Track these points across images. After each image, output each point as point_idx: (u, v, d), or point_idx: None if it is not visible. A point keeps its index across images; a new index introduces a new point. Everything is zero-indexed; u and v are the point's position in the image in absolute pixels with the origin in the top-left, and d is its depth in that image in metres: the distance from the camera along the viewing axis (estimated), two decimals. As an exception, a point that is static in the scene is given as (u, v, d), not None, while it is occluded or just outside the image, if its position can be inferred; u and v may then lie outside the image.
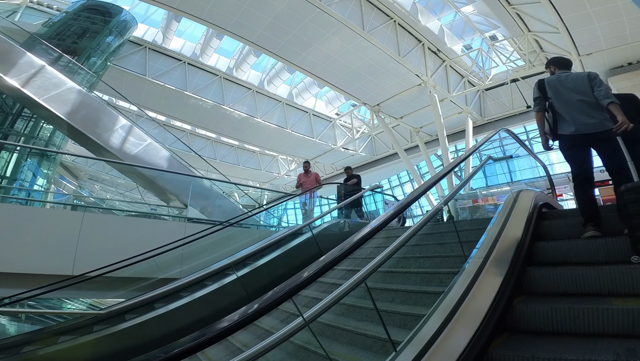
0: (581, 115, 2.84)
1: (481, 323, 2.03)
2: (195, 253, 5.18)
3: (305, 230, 6.05)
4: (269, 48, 14.23)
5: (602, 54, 13.25)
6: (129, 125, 8.17)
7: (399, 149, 18.92)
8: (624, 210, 2.16)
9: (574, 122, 2.85)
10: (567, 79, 3.05)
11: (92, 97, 8.26)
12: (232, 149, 26.99)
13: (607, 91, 2.80)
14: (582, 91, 2.89)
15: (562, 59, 3.36)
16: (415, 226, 2.50)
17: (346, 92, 16.88)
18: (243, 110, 19.82)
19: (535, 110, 3.26)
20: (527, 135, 19.48)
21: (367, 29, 12.78)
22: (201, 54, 17.92)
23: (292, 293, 1.79)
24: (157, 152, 8.40)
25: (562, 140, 3.00)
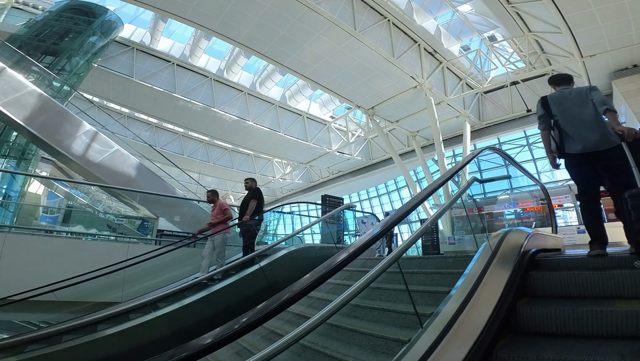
0: (587, 130, 2.81)
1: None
2: (140, 275, 4.62)
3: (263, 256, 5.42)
4: (257, 49, 13.62)
5: (606, 55, 12.58)
6: (94, 132, 7.57)
7: (393, 154, 18.26)
8: (629, 216, 2.19)
9: (581, 139, 2.83)
10: (571, 94, 3.04)
11: (55, 101, 7.65)
12: (226, 152, 26.39)
13: (604, 98, 2.80)
14: (583, 103, 2.89)
15: (560, 75, 3.38)
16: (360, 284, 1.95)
17: (339, 94, 16.25)
18: (234, 113, 19.21)
19: (540, 128, 3.25)
20: (527, 140, 18.78)
21: (359, 29, 12.16)
22: (190, 55, 17.33)
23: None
24: (124, 159, 7.80)
25: (569, 158, 2.98)
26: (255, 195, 6.44)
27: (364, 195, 31.08)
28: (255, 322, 1.50)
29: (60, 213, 9.76)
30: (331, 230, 7.47)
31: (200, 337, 1.43)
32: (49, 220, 9.37)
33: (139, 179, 7.78)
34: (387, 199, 28.53)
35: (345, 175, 27.78)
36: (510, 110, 18.02)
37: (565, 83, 3.27)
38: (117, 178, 7.62)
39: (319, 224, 8.33)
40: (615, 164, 2.69)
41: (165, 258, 4.65)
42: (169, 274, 4.81)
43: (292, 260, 5.85)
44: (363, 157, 24.97)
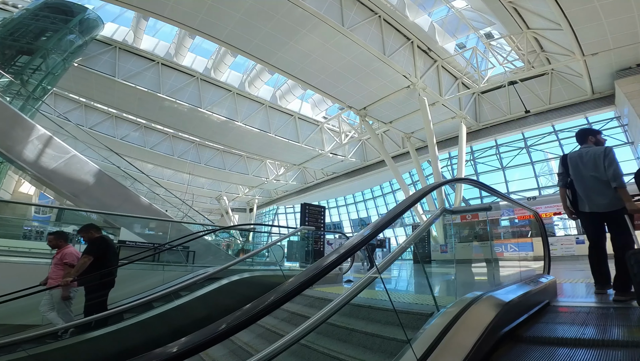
0: (595, 194, 3.07)
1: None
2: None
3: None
4: (240, 47, 12.95)
5: (609, 54, 11.88)
6: (48, 136, 6.90)
7: (385, 156, 17.58)
8: (632, 272, 2.36)
9: (589, 201, 3.11)
10: (587, 155, 3.22)
11: (6, 104, 6.99)
12: (218, 153, 25.74)
13: (617, 172, 2.95)
14: (597, 168, 3.08)
15: (584, 131, 3.49)
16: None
17: (329, 94, 15.56)
18: (222, 114, 18.54)
19: (559, 185, 3.51)
20: (525, 142, 18.07)
21: (347, 25, 11.45)
22: (176, 53, 16.66)
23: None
24: (82, 165, 7.13)
25: (580, 216, 3.27)
26: (93, 249, 4.25)
27: (359, 197, 30.41)
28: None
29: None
30: (277, 255, 6.69)
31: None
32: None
33: (98, 187, 7.13)
34: (383, 201, 27.86)
35: (339, 177, 27.14)
36: (508, 111, 17.33)
37: (582, 139, 3.45)
38: (74, 186, 6.99)
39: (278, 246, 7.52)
40: (617, 224, 2.99)
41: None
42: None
43: (218, 296, 4.93)
44: (357, 159, 24.31)
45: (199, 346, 1.08)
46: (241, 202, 38.85)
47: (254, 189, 32.76)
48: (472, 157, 19.91)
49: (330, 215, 33.97)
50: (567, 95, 15.69)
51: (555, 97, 15.97)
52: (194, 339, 1.11)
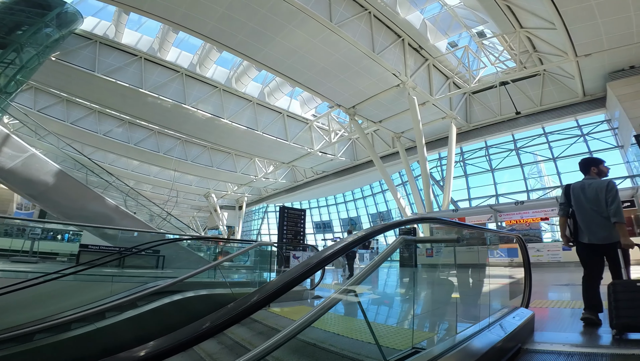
0: (595, 227, 3.19)
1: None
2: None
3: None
4: (225, 42, 12.43)
5: (602, 55, 11.66)
6: (4, 134, 6.33)
7: (374, 156, 17.25)
8: (609, 300, 2.67)
9: (589, 233, 3.22)
10: (590, 187, 3.31)
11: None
12: (205, 150, 25.12)
13: (618, 208, 3.08)
14: (598, 202, 3.19)
15: (587, 161, 3.56)
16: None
17: (317, 92, 15.12)
18: (208, 110, 17.96)
19: (559, 214, 3.55)
20: (515, 144, 17.88)
21: (335, 21, 11.02)
22: (159, 48, 16.02)
23: None
24: (41, 165, 6.60)
25: (578, 246, 3.35)
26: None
27: (349, 197, 30.10)
28: None
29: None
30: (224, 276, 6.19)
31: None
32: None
33: (59, 187, 6.60)
34: (372, 201, 27.58)
35: (329, 176, 26.78)
36: (499, 112, 17.11)
37: (585, 170, 3.51)
38: (33, 187, 6.46)
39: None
40: (612, 255, 3.13)
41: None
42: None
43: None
44: (347, 158, 23.96)
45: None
46: (230, 199, 38.29)
47: (242, 187, 32.25)
48: (461, 158, 19.68)
49: (320, 214, 33.63)
50: (558, 97, 15.52)
51: (546, 98, 15.80)
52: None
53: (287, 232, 8.91)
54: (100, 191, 8.14)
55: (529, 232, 13.00)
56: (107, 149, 23.73)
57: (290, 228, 8.84)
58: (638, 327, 2.58)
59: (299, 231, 8.95)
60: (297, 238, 8.85)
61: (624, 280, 2.91)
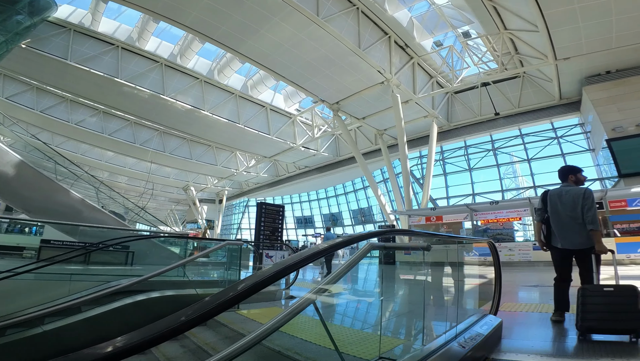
0: (570, 233, 3.33)
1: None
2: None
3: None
4: (207, 34, 12.05)
5: (580, 59, 11.99)
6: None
7: (356, 152, 17.22)
8: (577, 303, 2.81)
9: (563, 238, 3.37)
10: (567, 194, 3.41)
11: None
12: (184, 142, 24.42)
13: (595, 216, 3.21)
14: (575, 209, 3.32)
15: (566, 168, 3.67)
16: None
17: (301, 86, 14.91)
18: (188, 102, 17.42)
19: (536, 220, 3.70)
20: (493, 145, 18.34)
21: (322, 15, 10.80)
22: (138, 38, 15.44)
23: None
24: (0, 156, 6.13)
25: (552, 250, 3.49)
26: None
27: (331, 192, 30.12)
28: None
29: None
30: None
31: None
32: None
33: (18, 179, 6.16)
34: (354, 197, 27.72)
35: (312, 171, 26.67)
36: (479, 113, 17.45)
37: (563, 177, 3.63)
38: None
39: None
40: (585, 260, 3.30)
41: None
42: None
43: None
44: (330, 153, 23.90)
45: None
46: (210, 192, 37.58)
47: (223, 180, 31.68)
48: (441, 157, 20.00)
49: (302, 209, 33.53)
50: (536, 99, 15.97)
51: (524, 100, 16.22)
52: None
53: (264, 228, 8.70)
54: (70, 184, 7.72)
55: (503, 232, 13.29)
56: (79, 139, 22.69)
57: (269, 225, 8.62)
58: (602, 330, 2.72)
59: (277, 227, 8.75)
60: (275, 235, 8.67)
61: (593, 285, 3.04)
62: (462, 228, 14.48)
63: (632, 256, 9.77)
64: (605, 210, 11.16)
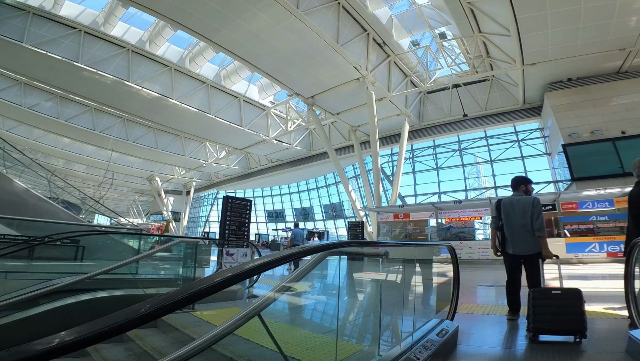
0: (520, 240, 3.60)
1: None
2: None
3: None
4: (180, 21, 11.52)
5: (545, 66, 12.59)
6: None
7: (328, 147, 17.19)
8: (529, 305, 3.00)
9: (514, 245, 3.63)
10: (518, 203, 3.70)
11: None
12: (150, 130, 23.26)
13: (542, 224, 3.51)
14: (525, 217, 3.60)
15: (518, 179, 3.92)
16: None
17: (276, 79, 14.63)
18: (155, 89, 16.58)
19: (492, 227, 3.98)
20: (459, 145, 19.09)
21: (302, 8, 10.59)
22: (104, 23, 14.57)
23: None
24: None
25: (505, 255, 3.76)
26: None
27: (303, 187, 30.04)
28: None
29: None
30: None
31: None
32: None
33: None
34: (326, 192, 27.84)
35: (285, 165, 26.43)
36: (449, 114, 18.02)
37: (515, 187, 3.89)
38: None
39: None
40: (532, 265, 3.54)
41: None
42: None
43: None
44: (303, 148, 23.78)
45: None
46: (177, 183, 36.21)
47: (191, 171, 30.61)
48: (412, 155, 20.51)
49: (273, 203, 33.21)
50: (502, 103, 16.73)
51: (491, 103, 16.95)
52: None
53: (230, 223, 8.40)
54: (20, 171, 7.08)
55: (464, 230, 13.72)
56: (32, 124, 20.98)
57: (235, 219, 8.35)
58: (550, 330, 2.91)
59: (244, 222, 8.50)
60: (242, 229, 8.43)
61: (542, 288, 3.23)
62: (428, 226, 14.89)
63: (579, 255, 10.49)
64: (558, 212, 11.82)
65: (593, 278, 7.42)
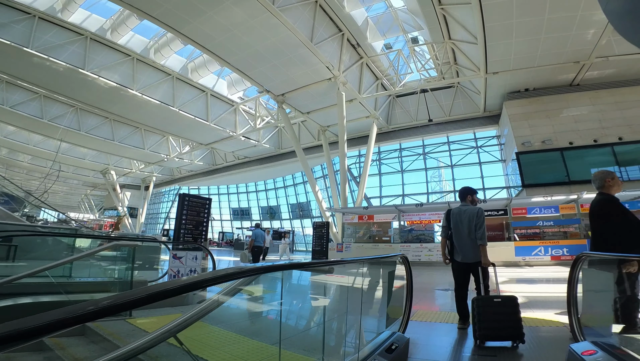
0: (466, 249, 3.77)
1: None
2: None
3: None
4: (147, 11, 10.89)
5: (506, 75, 13.32)
6: None
7: (296, 146, 17.09)
8: (472, 313, 3.18)
9: (462, 253, 3.79)
10: (465, 213, 3.86)
11: None
12: (106, 121, 21.76)
13: (484, 233, 3.69)
14: (469, 226, 3.78)
15: (464, 190, 4.08)
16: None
17: (246, 74, 14.26)
18: (114, 79, 15.55)
19: (442, 235, 4.07)
20: (424, 149, 19.84)
21: (277, 4, 10.37)
22: (62, 9, 13.51)
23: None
24: None
25: (453, 263, 3.91)
26: None
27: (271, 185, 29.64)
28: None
29: None
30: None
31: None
32: None
33: None
34: (294, 191, 27.68)
35: (252, 162, 25.93)
36: (415, 118, 18.63)
37: (463, 198, 4.04)
38: None
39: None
40: (477, 273, 3.74)
41: None
42: None
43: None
44: (272, 145, 23.47)
45: None
46: (135, 177, 34.28)
47: (151, 165, 29.06)
48: (379, 157, 20.97)
49: (239, 200, 32.47)
50: (464, 110, 17.58)
51: (454, 110, 17.74)
52: None
53: (186, 222, 7.94)
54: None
55: (425, 233, 14.04)
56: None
57: (191, 219, 7.93)
58: (495, 337, 3.05)
59: (202, 222, 8.10)
60: (199, 229, 8.04)
61: (484, 296, 3.39)
62: (391, 228, 15.20)
63: (527, 258, 11.04)
64: (509, 217, 12.33)
65: (540, 282, 7.79)
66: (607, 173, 3.36)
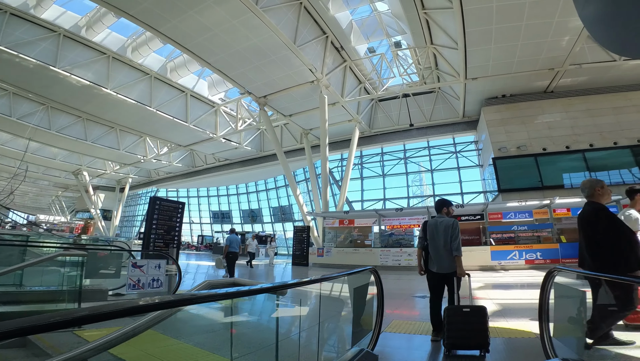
0: (442, 259, 3.81)
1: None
2: None
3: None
4: (123, 8, 10.54)
5: (485, 81, 13.60)
6: None
7: (277, 149, 16.88)
8: (444, 322, 3.23)
9: (438, 264, 3.83)
10: (441, 225, 3.90)
11: None
12: (79, 120, 20.81)
13: (459, 244, 3.74)
14: (445, 237, 3.82)
15: (440, 202, 4.14)
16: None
17: (227, 75, 14.00)
18: (87, 77, 14.95)
19: (418, 246, 4.14)
20: (405, 153, 20.10)
21: (261, 5, 10.21)
22: (36, 6, 12.96)
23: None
24: None
25: (428, 273, 3.96)
26: None
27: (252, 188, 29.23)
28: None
29: None
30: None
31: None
32: None
33: None
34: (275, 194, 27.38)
35: (233, 165, 25.49)
36: (397, 122, 18.82)
37: (439, 209, 4.10)
38: None
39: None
40: (451, 283, 3.77)
41: None
42: None
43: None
44: (253, 148, 23.17)
45: None
46: (110, 179, 33.04)
47: (127, 167, 28.08)
48: (360, 161, 21.06)
49: (220, 203, 31.85)
50: (444, 115, 17.90)
51: (435, 114, 18.04)
52: None
53: (157, 227, 7.68)
54: None
55: (405, 237, 14.06)
56: None
57: (163, 223, 7.64)
58: (462, 345, 3.10)
59: (174, 226, 7.83)
60: (171, 234, 7.77)
61: (454, 306, 3.41)
62: (372, 232, 15.22)
63: (502, 262, 11.19)
64: (485, 221, 12.46)
65: (514, 288, 7.81)
66: (596, 182, 3.25)
